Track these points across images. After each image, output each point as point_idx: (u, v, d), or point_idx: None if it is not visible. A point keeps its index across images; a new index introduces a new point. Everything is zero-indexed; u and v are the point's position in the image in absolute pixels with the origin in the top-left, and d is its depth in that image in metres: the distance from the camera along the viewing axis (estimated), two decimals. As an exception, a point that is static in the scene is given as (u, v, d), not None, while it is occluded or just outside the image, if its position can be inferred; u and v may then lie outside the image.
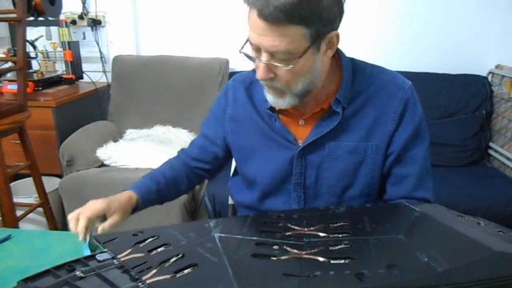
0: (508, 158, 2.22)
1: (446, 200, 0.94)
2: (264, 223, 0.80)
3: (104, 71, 2.77)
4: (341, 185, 0.95)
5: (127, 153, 2.19)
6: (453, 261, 0.61)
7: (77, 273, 0.65)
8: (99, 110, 2.66)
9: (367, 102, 0.92)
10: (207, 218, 1.99)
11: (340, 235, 0.72)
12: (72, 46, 2.52)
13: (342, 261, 0.63)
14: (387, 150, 0.94)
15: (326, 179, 0.95)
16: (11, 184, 1.87)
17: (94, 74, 2.72)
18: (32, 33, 2.51)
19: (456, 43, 2.51)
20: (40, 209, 2.11)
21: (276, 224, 0.79)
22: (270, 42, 0.77)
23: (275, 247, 0.69)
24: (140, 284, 0.62)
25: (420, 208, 0.82)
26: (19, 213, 1.95)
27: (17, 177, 2.32)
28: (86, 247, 0.87)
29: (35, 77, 2.30)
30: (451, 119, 2.38)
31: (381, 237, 0.71)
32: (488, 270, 0.60)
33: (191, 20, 2.66)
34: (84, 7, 2.68)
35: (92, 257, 0.71)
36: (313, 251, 0.66)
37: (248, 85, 1.02)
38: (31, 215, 2.11)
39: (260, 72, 0.82)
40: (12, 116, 1.80)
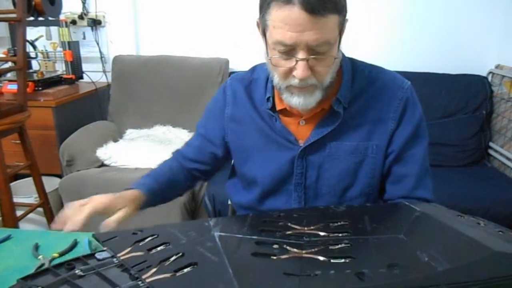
0: (508, 158, 2.22)
1: (446, 200, 0.94)
2: (264, 222, 0.80)
3: (104, 71, 2.77)
4: (342, 185, 0.95)
5: (127, 153, 2.19)
6: (454, 261, 0.61)
7: (77, 272, 0.65)
8: (99, 110, 2.66)
9: (367, 102, 0.92)
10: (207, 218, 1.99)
11: (340, 234, 0.72)
12: (72, 46, 2.52)
13: (343, 261, 0.63)
14: (387, 150, 0.94)
15: (327, 179, 0.95)
16: (11, 184, 1.87)
17: (94, 74, 2.72)
18: (32, 33, 2.50)
19: (456, 43, 2.51)
20: (40, 209, 2.10)
21: (276, 223, 0.78)
22: (314, 36, 0.76)
23: (275, 246, 0.69)
24: (140, 283, 0.62)
25: (420, 208, 0.82)
26: (19, 213, 1.95)
27: (17, 177, 2.32)
28: (86, 245, 0.87)
29: (35, 77, 2.30)
30: (451, 119, 2.38)
31: (382, 237, 0.71)
32: (488, 270, 0.59)
33: (191, 20, 2.66)
34: (84, 7, 2.68)
35: (92, 256, 0.71)
36: (313, 250, 0.66)
37: (248, 84, 1.01)
38: (31, 215, 2.10)
39: (302, 71, 0.79)
40: (12, 116, 1.80)
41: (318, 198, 0.97)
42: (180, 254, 0.67)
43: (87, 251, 0.83)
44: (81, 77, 2.63)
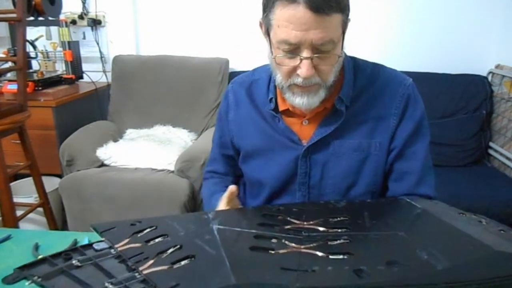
0: (508, 158, 2.22)
1: (446, 200, 0.93)
2: (264, 216, 0.80)
3: (104, 71, 2.77)
4: (346, 184, 0.95)
5: (127, 153, 2.19)
6: (453, 260, 0.60)
7: (74, 262, 0.66)
8: (99, 110, 2.66)
9: (369, 100, 0.93)
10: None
11: (340, 230, 0.72)
12: (72, 46, 2.52)
13: (341, 257, 0.63)
14: (390, 146, 0.94)
15: (331, 178, 0.95)
16: (11, 184, 1.86)
17: (94, 74, 2.72)
18: (32, 33, 2.51)
19: (456, 43, 2.51)
20: (40, 209, 2.10)
21: (276, 217, 0.78)
22: (318, 35, 0.76)
23: (274, 241, 0.68)
24: (137, 275, 0.62)
25: (421, 205, 0.82)
26: (19, 213, 1.94)
27: (17, 177, 2.32)
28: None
29: (35, 77, 2.30)
30: (451, 119, 2.38)
31: (381, 233, 0.71)
32: (488, 270, 0.59)
33: (191, 20, 2.66)
34: (84, 7, 2.68)
35: (90, 246, 0.71)
36: (312, 246, 0.66)
37: (248, 87, 1.01)
38: (31, 215, 2.10)
39: (307, 70, 0.80)
40: (12, 116, 1.80)
41: (323, 197, 0.97)
42: (178, 247, 0.67)
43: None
44: (81, 77, 2.63)
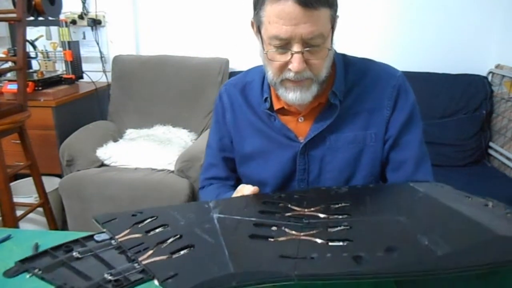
0: (508, 158, 2.22)
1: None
2: (264, 204, 0.79)
3: (104, 71, 2.77)
4: (344, 177, 0.96)
5: (127, 153, 2.19)
6: (454, 245, 0.59)
7: (74, 254, 0.66)
8: (99, 110, 2.66)
9: (362, 93, 0.94)
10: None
11: (340, 217, 0.71)
12: (72, 46, 2.52)
13: (341, 243, 0.62)
14: (385, 137, 0.95)
15: (329, 172, 0.96)
16: (11, 184, 1.86)
17: (94, 74, 2.72)
18: (32, 33, 2.51)
19: (456, 43, 2.51)
20: (40, 209, 2.10)
21: (277, 205, 0.78)
22: (308, 29, 0.78)
23: (274, 228, 0.68)
24: (136, 265, 0.62)
25: (424, 189, 0.80)
26: (19, 213, 1.94)
27: (17, 177, 2.32)
28: None
29: (35, 77, 2.30)
30: (451, 119, 2.37)
31: (382, 219, 0.70)
32: (489, 255, 0.57)
33: (191, 20, 2.66)
34: (84, 7, 2.69)
35: (90, 238, 0.71)
36: (312, 233, 0.66)
37: (242, 88, 1.02)
38: (31, 215, 2.10)
39: (298, 64, 0.81)
40: (12, 116, 1.80)
41: None
42: (178, 236, 0.67)
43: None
44: (81, 77, 2.63)
